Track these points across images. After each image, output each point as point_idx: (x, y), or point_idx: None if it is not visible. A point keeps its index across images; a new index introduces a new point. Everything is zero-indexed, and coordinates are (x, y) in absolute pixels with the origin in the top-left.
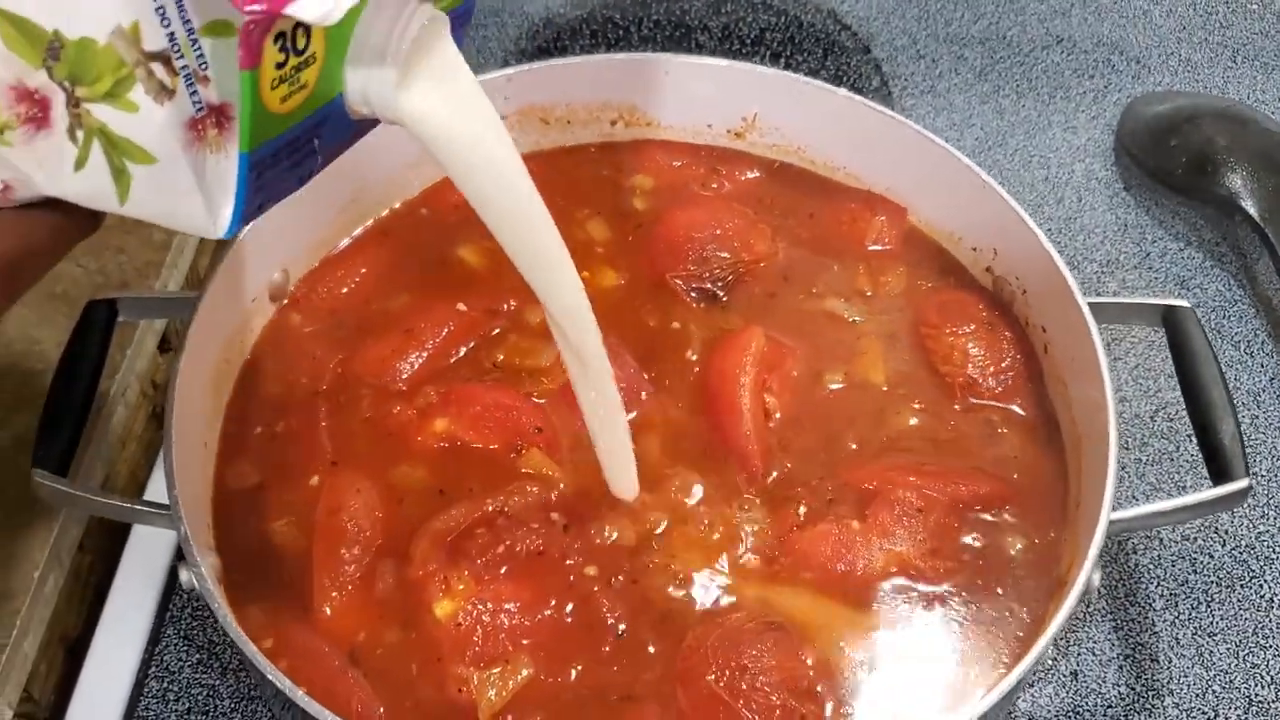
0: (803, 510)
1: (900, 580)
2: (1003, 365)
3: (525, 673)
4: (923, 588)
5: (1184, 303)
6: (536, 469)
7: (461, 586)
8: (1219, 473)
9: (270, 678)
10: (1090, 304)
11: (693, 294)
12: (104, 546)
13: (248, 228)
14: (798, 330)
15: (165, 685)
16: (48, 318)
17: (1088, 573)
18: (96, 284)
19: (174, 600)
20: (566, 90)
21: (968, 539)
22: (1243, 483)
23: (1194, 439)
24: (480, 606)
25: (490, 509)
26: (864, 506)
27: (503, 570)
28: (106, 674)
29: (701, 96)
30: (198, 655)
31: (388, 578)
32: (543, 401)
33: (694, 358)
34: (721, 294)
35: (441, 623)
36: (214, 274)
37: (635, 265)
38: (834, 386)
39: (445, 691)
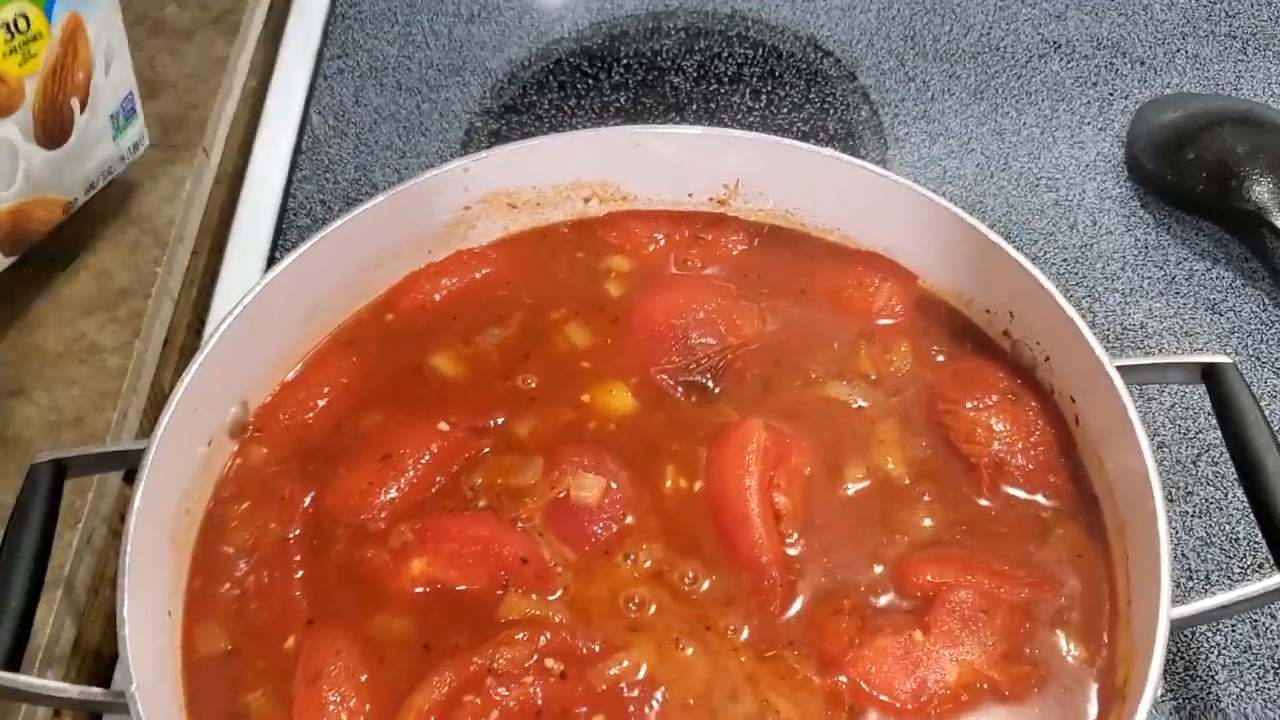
0: (847, 625)
1: (975, 704)
2: (1031, 440)
3: None
4: (996, 708)
5: (1224, 358)
6: (522, 613)
7: None
8: None
9: None
10: (1120, 366)
11: (680, 389)
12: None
13: (196, 367)
14: (800, 420)
15: None
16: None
17: (1154, 685)
18: (49, 422)
19: None
20: (532, 172)
21: (1028, 646)
22: None
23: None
24: None
25: (475, 669)
26: (921, 615)
27: None
28: None
29: (678, 166)
30: None
31: None
32: (528, 527)
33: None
34: (712, 385)
35: None
36: (162, 422)
37: (618, 366)
38: (852, 483)
39: None
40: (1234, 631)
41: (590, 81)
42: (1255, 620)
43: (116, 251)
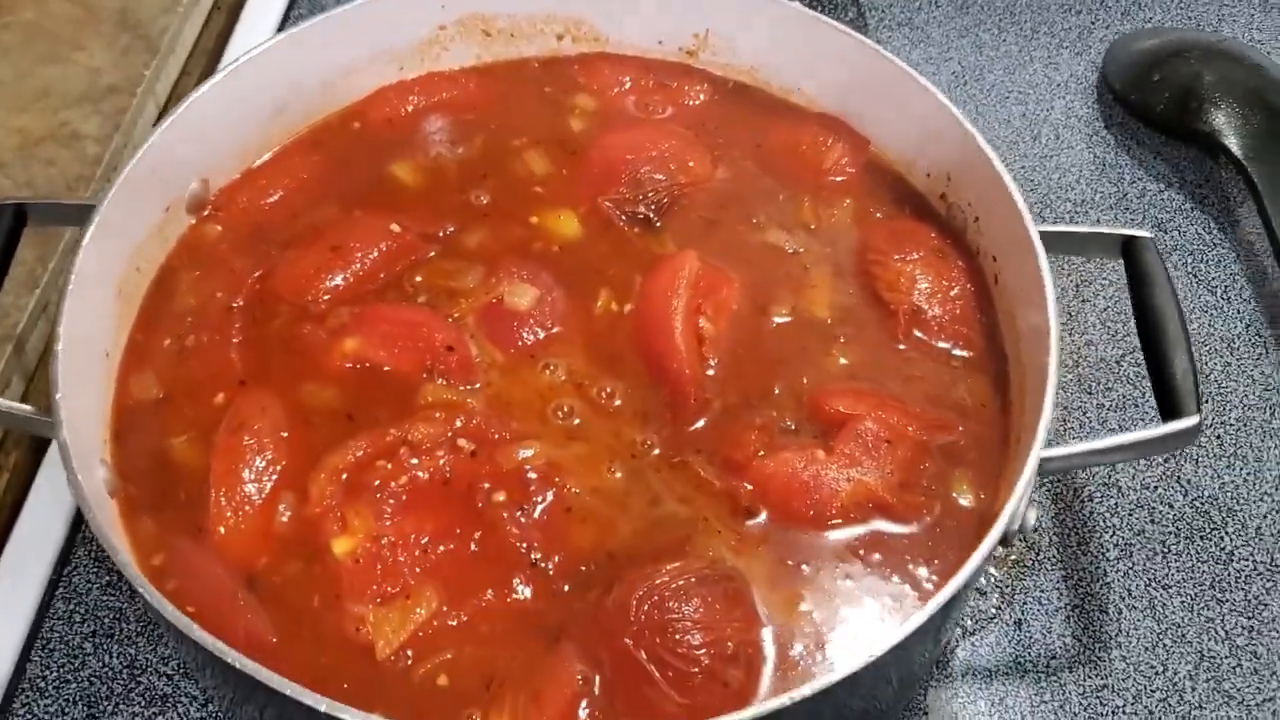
0: (755, 438)
1: (862, 521)
2: (951, 294)
3: (424, 609)
4: (888, 527)
5: (1144, 233)
6: (440, 397)
7: (359, 522)
8: (1169, 410)
9: (140, 590)
10: (1043, 232)
11: (624, 218)
12: (20, 464)
13: (162, 130)
14: (737, 260)
15: (72, 606)
16: None
17: (1012, 507)
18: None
19: (87, 520)
20: (508, 1)
21: (926, 481)
22: (1191, 420)
23: None
24: (379, 542)
25: (392, 438)
26: (828, 438)
27: (405, 502)
28: (12, 594)
29: (652, 11)
30: (107, 578)
31: (287, 512)
32: (459, 323)
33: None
34: (655, 219)
35: (340, 560)
36: (119, 175)
37: (570, 194)
38: (779, 320)
39: (345, 629)
40: (1131, 516)
41: None
42: (1152, 508)
43: (109, 53)
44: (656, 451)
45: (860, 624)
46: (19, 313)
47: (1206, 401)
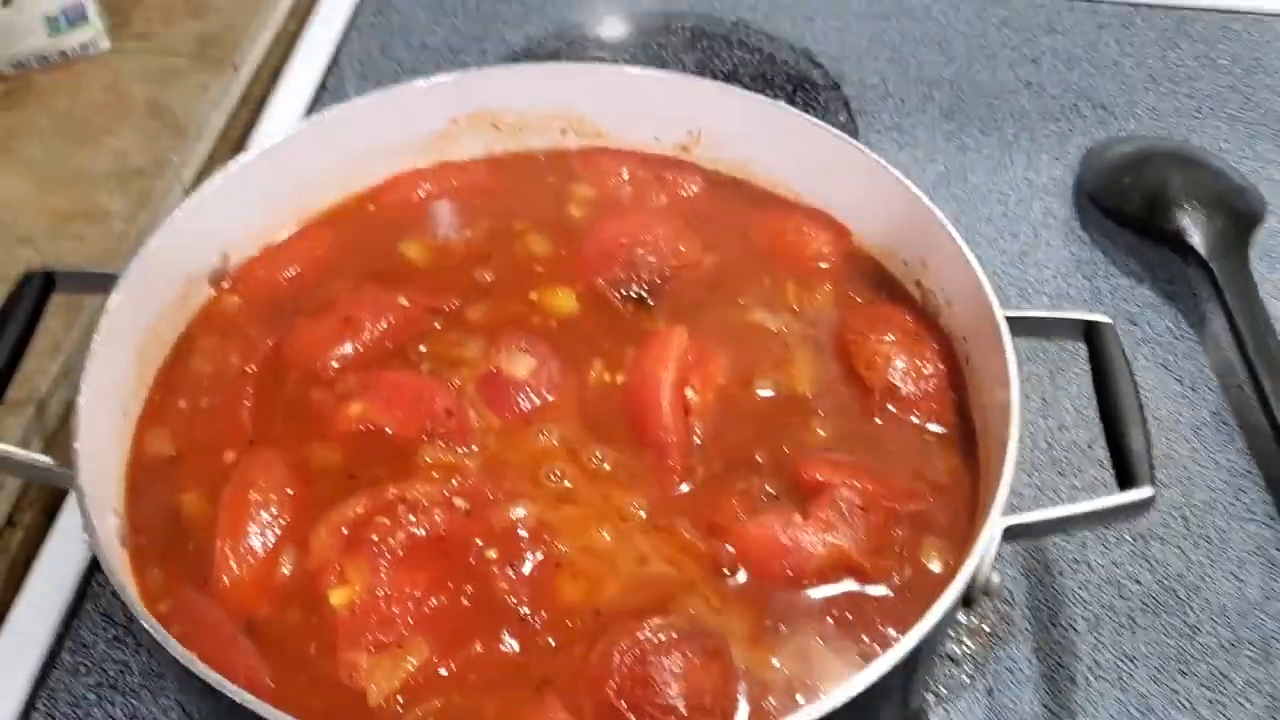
0: (737, 504)
1: (835, 582)
2: (925, 373)
3: (416, 658)
4: (858, 588)
5: (1104, 318)
6: (438, 459)
7: (356, 575)
8: (1125, 480)
9: (146, 628)
10: (1009, 317)
11: (618, 296)
12: (35, 522)
13: (187, 206)
14: (724, 337)
15: (78, 659)
16: None
17: (972, 565)
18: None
19: (96, 576)
20: (516, 97)
21: (898, 547)
22: (1146, 491)
23: None
24: (375, 594)
25: (391, 496)
26: (806, 504)
27: (401, 557)
28: (20, 644)
29: (648, 108)
30: (113, 631)
31: (288, 565)
32: (459, 389)
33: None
34: (648, 298)
35: (337, 610)
36: (143, 248)
37: (568, 273)
38: (762, 394)
39: (339, 676)
40: (1100, 590)
41: (597, 63)
42: (1120, 584)
43: (138, 138)
44: (644, 514)
45: (831, 680)
46: (42, 376)
47: (1173, 485)
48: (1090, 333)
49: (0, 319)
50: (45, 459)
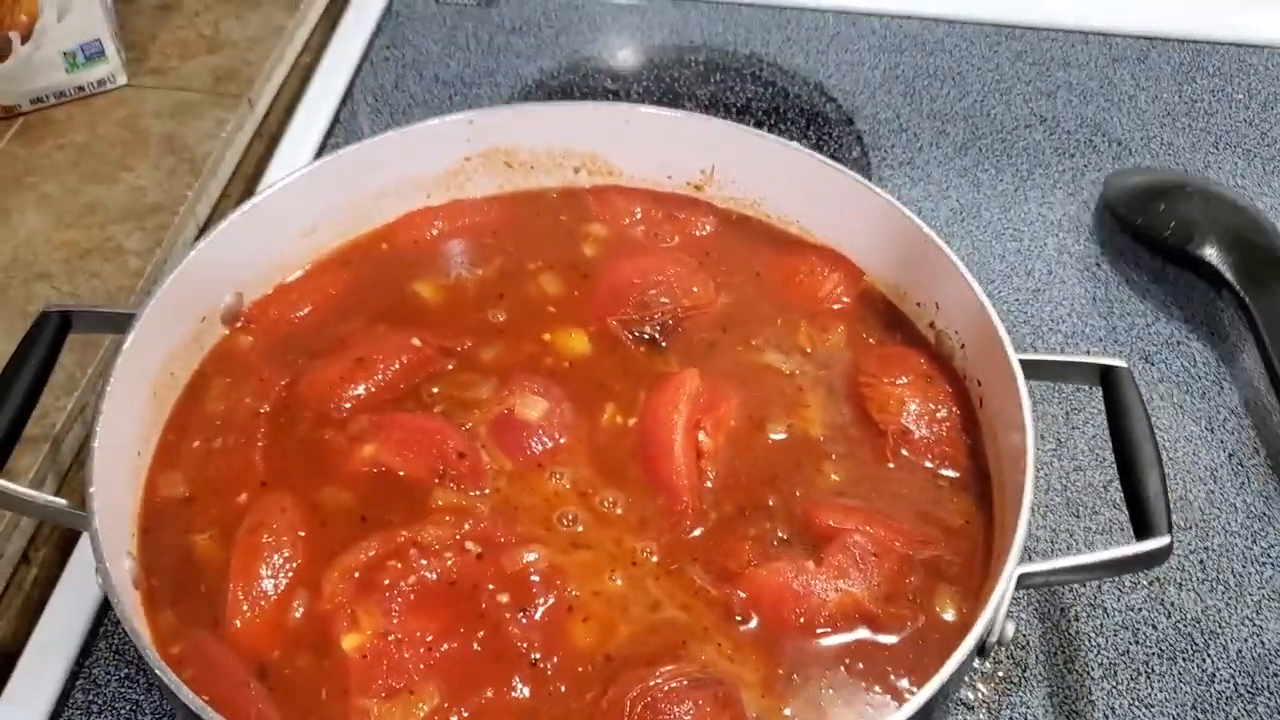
0: (749, 549)
1: (848, 630)
2: (938, 416)
3: (427, 705)
4: (870, 636)
5: (1120, 363)
6: (450, 502)
7: (368, 619)
8: (1141, 528)
9: (158, 673)
10: (1023, 360)
11: (631, 337)
12: (50, 559)
13: (201, 247)
14: (736, 379)
15: (90, 697)
16: (13, 333)
17: (988, 617)
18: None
19: (109, 614)
20: (528, 135)
21: (911, 594)
22: (1163, 540)
23: None
24: (387, 639)
25: (403, 540)
26: (818, 550)
27: (413, 601)
28: (34, 683)
29: (661, 147)
30: (126, 670)
31: (301, 608)
32: (471, 431)
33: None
34: (660, 339)
35: (349, 655)
36: (159, 287)
37: (581, 314)
38: (774, 437)
39: None
40: (1116, 636)
41: (610, 96)
42: (1136, 629)
43: (154, 174)
44: (655, 559)
45: None
46: (57, 413)
47: (1190, 528)
48: (1106, 377)
49: (18, 359)
50: (60, 501)
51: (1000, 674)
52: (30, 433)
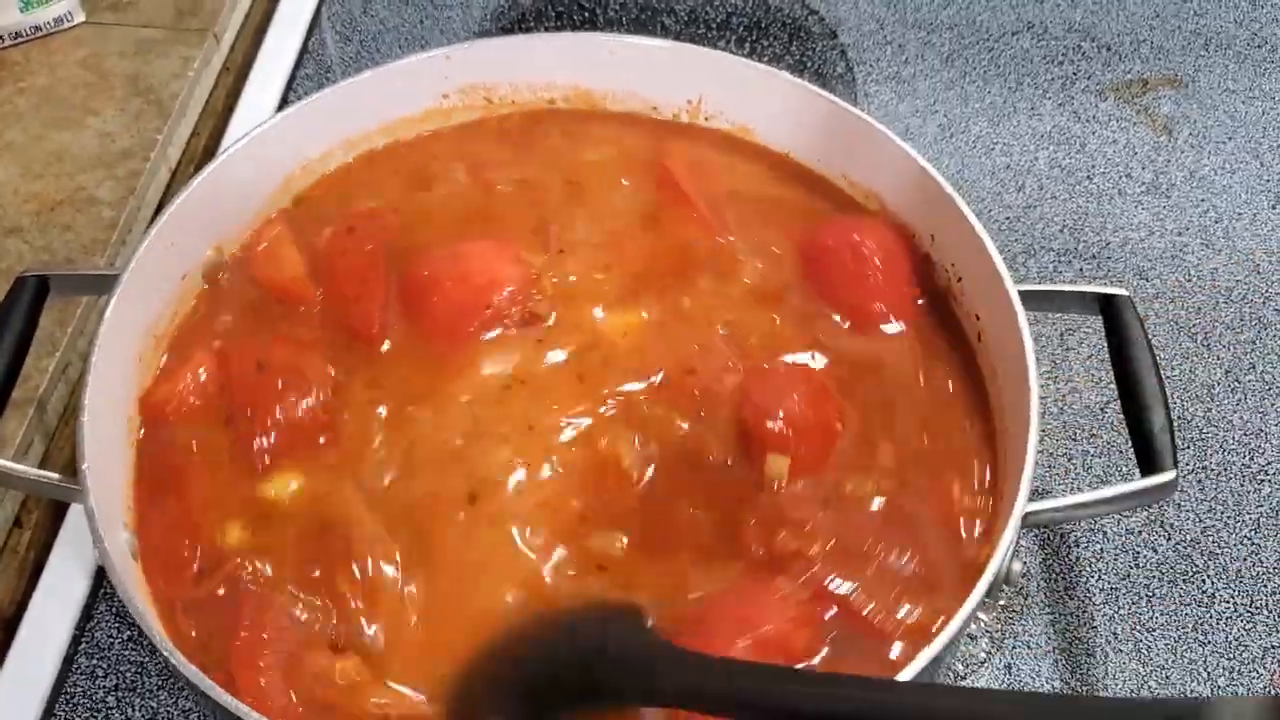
0: None
1: None
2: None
3: None
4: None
5: (1121, 291)
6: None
7: None
8: (1147, 464)
9: (164, 652)
10: (1021, 291)
11: None
12: (43, 522)
13: (176, 208)
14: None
15: (95, 661)
16: None
17: (999, 562)
18: (41, 261)
19: (109, 578)
20: (509, 69)
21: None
22: (1168, 475)
23: None
24: None
25: None
26: None
27: None
28: (37, 649)
29: (645, 78)
30: (128, 632)
31: None
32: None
33: None
34: None
35: None
36: (138, 249)
37: None
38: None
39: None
40: (1115, 560)
41: (585, 14)
42: (1136, 552)
43: (121, 117)
44: None
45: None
46: (40, 375)
47: (1187, 448)
48: (1106, 305)
49: None
50: (52, 475)
51: (1001, 603)
52: (14, 396)
